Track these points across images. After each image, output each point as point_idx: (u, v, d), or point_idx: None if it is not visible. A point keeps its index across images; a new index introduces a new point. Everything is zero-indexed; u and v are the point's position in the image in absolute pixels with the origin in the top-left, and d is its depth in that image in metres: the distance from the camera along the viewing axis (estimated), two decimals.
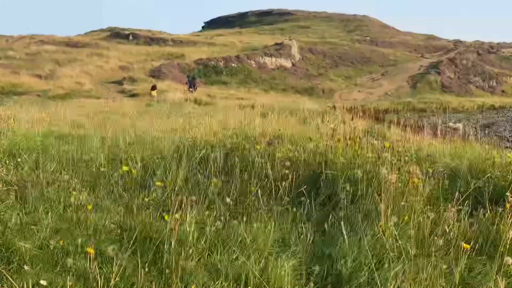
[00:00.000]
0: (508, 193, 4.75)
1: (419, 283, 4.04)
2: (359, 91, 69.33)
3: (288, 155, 7.21)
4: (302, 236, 4.99)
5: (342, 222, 4.64)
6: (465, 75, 77.46)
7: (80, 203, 5.68)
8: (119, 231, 4.99)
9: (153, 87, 39.97)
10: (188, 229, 4.76)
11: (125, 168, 6.54)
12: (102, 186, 6.53)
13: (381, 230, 4.67)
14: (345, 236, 4.55)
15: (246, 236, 4.70)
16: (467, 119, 53.60)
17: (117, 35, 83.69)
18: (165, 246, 4.46)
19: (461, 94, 71.01)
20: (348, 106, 48.06)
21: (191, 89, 41.11)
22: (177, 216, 4.79)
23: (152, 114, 19.07)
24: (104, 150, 8.55)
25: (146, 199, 5.87)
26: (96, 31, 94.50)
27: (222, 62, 69.74)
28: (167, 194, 6.14)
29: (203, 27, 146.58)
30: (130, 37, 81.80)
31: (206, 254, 4.59)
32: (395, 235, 4.46)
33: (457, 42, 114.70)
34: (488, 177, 6.21)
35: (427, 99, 63.78)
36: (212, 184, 6.38)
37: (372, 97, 65.88)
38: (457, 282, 4.12)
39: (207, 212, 5.41)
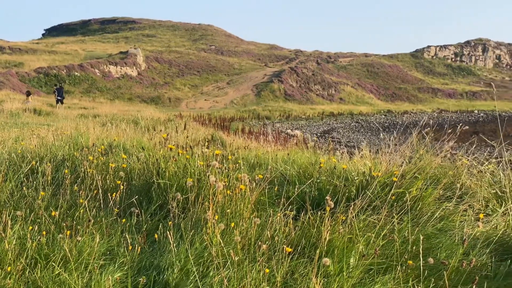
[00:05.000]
0: (327, 197, 4.95)
1: None
2: (205, 100, 70.10)
3: (122, 165, 7.09)
4: (131, 247, 4.92)
5: (169, 232, 4.61)
6: (306, 83, 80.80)
7: None
8: None
9: (28, 93, 39.72)
10: (7, 246, 4.53)
11: None
12: None
13: (208, 237, 4.71)
14: (173, 245, 4.54)
15: (70, 250, 4.55)
16: (308, 126, 55.94)
17: None
18: None
19: (303, 102, 73.98)
20: (195, 114, 48.51)
21: (59, 98, 40.14)
22: None
23: None
24: None
25: None
26: None
27: (65, 70, 67.72)
28: None
29: (43, 35, 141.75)
30: None
31: (27, 271, 4.38)
32: (220, 242, 4.51)
33: (298, 52, 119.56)
34: (313, 181, 6.47)
35: (271, 107, 65.94)
36: (40, 197, 6.13)
37: (218, 105, 66.88)
38: (278, 285, 4.24)
39: (30, 227, 5.17)
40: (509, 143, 8.06)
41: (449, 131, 7.59)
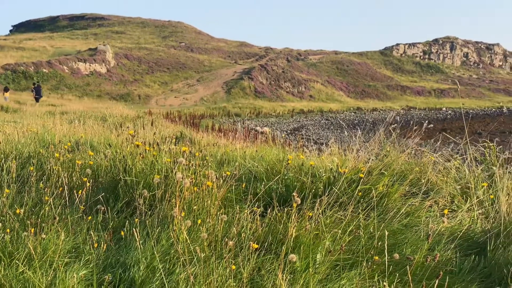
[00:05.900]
0: (294, 193, 4.97)
1: (208, 285, 4.11)
2: (175, 97, 69.78)
3: (89, 162, 7.03)
4: (96, 245, 4.87)
5: (135, 229, 4.58)
6: (276, 81, 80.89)
7: None
8: None
9: (6, 89, 39.57)
10: None
11: None
12: None
13: (175, 234, 4.69)
14: (139, 242, 4.51)
15: (34, 247, 4.49)
16: (278, 123, 56.02)
17: None
18: None
19: (273, 99, 74.04)
20: (165, 111, 48.24)
21: (37, 96, 40.04)
22: None
23: None
24: None
25: None
26: None
27: (33, 67, 66.80)
28: None
29: (10, 31, 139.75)
30: None
31: None
32: (186, 239, 4.50)
33: (268, 49, 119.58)
34: (281, 178, 6.48)
35: (241, 104, 65.88)
36: (4, 195, 6.04)
37: (189, 102, 66.61)
38: (245, 281, 4.24)
39: None
40: (475, 140, 8.17)
41: (415, 127, 7.67)
